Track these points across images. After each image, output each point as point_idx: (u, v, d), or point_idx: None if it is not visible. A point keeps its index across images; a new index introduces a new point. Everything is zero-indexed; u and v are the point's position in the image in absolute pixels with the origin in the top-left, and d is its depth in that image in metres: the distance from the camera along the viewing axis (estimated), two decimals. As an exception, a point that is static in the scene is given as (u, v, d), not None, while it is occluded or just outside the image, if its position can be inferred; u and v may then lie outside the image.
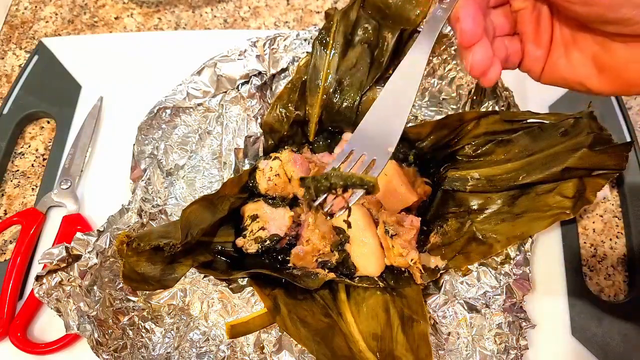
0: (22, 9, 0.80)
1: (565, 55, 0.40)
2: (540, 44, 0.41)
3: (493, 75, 0.39)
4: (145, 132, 0.61)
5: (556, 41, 0.40)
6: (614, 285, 0.59)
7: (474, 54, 0.38)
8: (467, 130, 0.59)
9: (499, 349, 0.51)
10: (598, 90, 0.39)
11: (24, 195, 0.66)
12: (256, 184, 0.58)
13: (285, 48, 0.63)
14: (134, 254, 0.52)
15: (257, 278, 0.55)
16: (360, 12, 0.62)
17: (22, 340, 0.54)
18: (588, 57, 0.38)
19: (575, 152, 0.53)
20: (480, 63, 0.38)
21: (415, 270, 0.55)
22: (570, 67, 0.39)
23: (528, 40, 0.42)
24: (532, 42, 0.41)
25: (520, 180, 0.56)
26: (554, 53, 0.40)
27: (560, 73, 0.40)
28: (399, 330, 0.52)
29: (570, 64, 0.39)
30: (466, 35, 0.37)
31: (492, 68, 0.39)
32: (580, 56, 0.39)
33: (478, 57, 0.38)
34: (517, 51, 0.42)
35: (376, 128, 0.43)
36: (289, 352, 0.52)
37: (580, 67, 0.39)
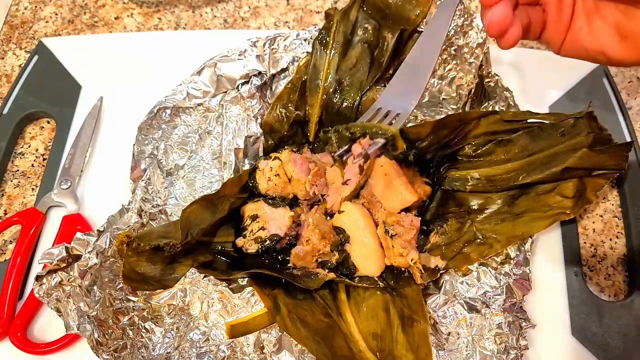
0: (22, 9, 0.80)
1: (587, 24, 0.40)
2: (562, 14, 0.41)
3: (511, 37, 0.40)
4: (145, 132, 0.61)
5: (578, 11, 0.40)
6: (614, 285, 0.59)
7: (494, 12, 0.39)
8: (467, 130, 0.59)
9: (499, 349, 0.51)
10: (619, 58, 0.39)
11: (24, 195, 0.66)
12: (256, 184, 0.58)
13: (285, 48, 0.63)
14: (134, 254, 0.52)
15: (257, 278, 0.55)
16: (360, 12, 0.62)
17: (22, 340, 0.54)
18: (611, 25, 0.39)
19: (575, 152, 0.53)
20: (499, 22, 0.39)
21: (415, 270, 0.55)
22: (592, 36, 0.40)
23: (551, 10, 0.42)
24: (555, 12, 0.42)
25: (520, 180, 0.56)
26: (576, 23, 0.41)
27: (582, 43, 0.41)
28: (399, 330, 0.52)
29: (592, 33, 0.40)
30: None
31: (511, 29, 0.39)
32: (602, 25, 0.39)
33: (497, 14, 0.39)
34: (539, 21, 0.43)
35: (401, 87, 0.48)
36: (289, 352, 0.52)
37: (603, 35, 0.39)
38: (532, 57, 0.71)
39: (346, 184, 0.57)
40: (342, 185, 0.57)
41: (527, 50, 0.72)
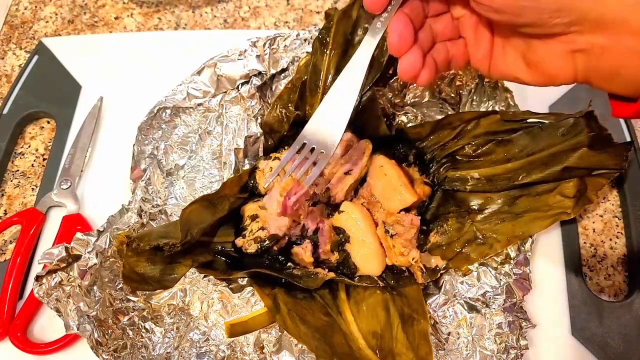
0: (22, 9, 0.80)
1: (502, 54, 0.44)
2: (480, 46, 0.45)
3: (423, 79, 0.44)
4: (145, 132, 0.61)
5: (496, 42, 0.44)
6: (614, 285, 0.59)
7: (401, 62, 0.43)
8: (467, 130, 0.59)
9: (499, 348, 0.51)
10: (530, 82, 0.44)
11: (24, 195, 0.66)
12: (256, 184, 0.58)
13: (285, 48, 0.63)
14: (133, 254, 0.52)
15: (257, 278, 0.55)
16: (360, 12, 0.62)
17: (22, 340, 0.54)
18: (518, 54, 0.43)
19: (575, 152, 0.53)
20: (407, 70, 0.43)
21: (416, 270, 0.55)
22: (506, 64, 0.44)
23: (470, 43, 0.46)
24: (474, 45, 0.45)
25: (520, 180, 0.56)
26: (495, 52, 0.45)
27: (500, 69, 0.45)
28: (399, 329, 0.52)
29: (506, 61, 0.44)
30: (393, 47, 0.42)
31: (422, 72, 0.44)
32: (513, 54, 0.43)
33: (404, 64, 0.43)
34: (463, 53, 0.46)
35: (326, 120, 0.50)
36: (289, 352, 0.52)
37: (514, 63, 0.43)
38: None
39: (349, 173, 0.57)
40: (345, 175, 0.57)
41: (527, 50, 0.72)
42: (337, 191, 0.57)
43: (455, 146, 0.60)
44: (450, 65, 0.47)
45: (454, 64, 0.47)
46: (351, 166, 0.58)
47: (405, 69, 0.43)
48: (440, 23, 0.45)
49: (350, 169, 0.58)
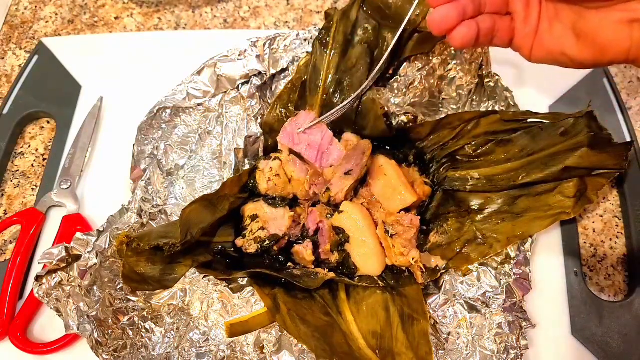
0: (22, 9, 0.80)
1: (549, 29, 0.43)
2: (529, 21, 0.44)
3: (458, 36, 0.42)
4: (145, 132, 0.61)
5: (543, 17, 0.43)
6: (614, 285, 0.59)
7: (435, 12, 0.41)
8: (467, 130, 0.59)
9: (499, 348, 0.51)
10: (578, 57, 0.42)
11: (24, 195, 0.66)
12: (256, 184, 0.58)
13: (285, 48, 0.63)
14: (133, 254, 0.52)
15: (257, 278, 0.55)
16: (360, 12, 0.62)
17: (22, 340, 0.54)
18: (568, 27, 0.42)
19: (575, 152, 0.53)
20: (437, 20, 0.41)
21: (416, 269, 0.55)
22: (553, 39, 0.43)
23: (519, 18, 0.44)
24: (522, 20, 0.44)
25: (520, 180, 0.56)
26: (541, 28, 0.44)
27: (546, 46, 0.44)
28: (399, 329, 0.52)
29: (553, 36, 0.43)
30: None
31: (459, 28, 0.42)
32: (561, 27, 0.42)
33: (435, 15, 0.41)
34: (508, 29, 0.45)
35: None
36: (289, 352, 0.52)
37: (562, 37, 0.42)
38: (532, 57, 0.70)
39: (349, 174, 0.57)
40: (345, 175, 0.57)
41: (527, 50, 0.72)
42: (337, 191, 0.57)
43: (455, 146, 0.60)
44: (494, 40, 0.45)
45: (498, 39, 0.45)
46: (351, 166, 0.58)
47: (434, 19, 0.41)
48: None
49: (350, 169, 0.58)
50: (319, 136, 0.59)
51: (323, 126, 0.60)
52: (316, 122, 0.59)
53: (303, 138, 0.59)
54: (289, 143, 0.60)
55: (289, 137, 0.60)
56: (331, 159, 0.59)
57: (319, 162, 0.59)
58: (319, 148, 0.59)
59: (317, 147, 0.59)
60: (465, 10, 0.42)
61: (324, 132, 0.59)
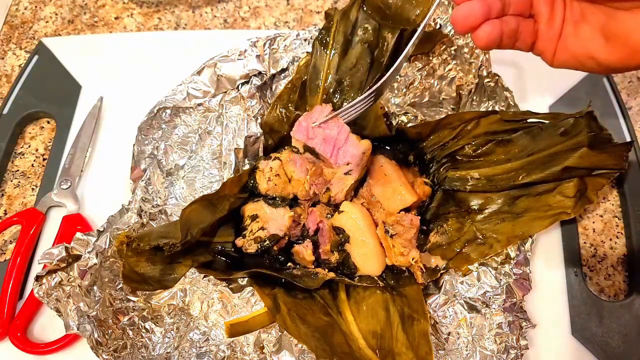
0: (22, 9, 0.80)
1: (574, 32, 0.42)
2: (553, 24, 0.43)
3: (483, 34, 0.41)
4: (145, 132, 0.61)
5: (567, 20, 0.42)
6: (614, 285, 0.59)
7: (458, 9, 0.40)
8: (467, 130, 0.59)
9: (499, 348, 0.51)
10: (606, 60, 0.41)
11: (24, 195, 0.66)
12: (256, 184, 0.58)
13: (285, 48, 0.63)
14: (133, 254, 0.52)
15: (257, 278, 0.55)
16: (360, 12, 0.62)
17: (22, 340, 0.54)
18: (596, 29, 0.41)
19: (575, 152, 0.53)
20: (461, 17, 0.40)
21: (416, 269, 0.55)
22: (579, 42, 0.42)
23: (542, 20, 0.43)
24: (546, 23, 0.43)
25: (520, 180, 0.56)
26: (565, 31, 0.43)
27: (571, 50, 0.43)
28: (399, 329, 0.52)
29: (580, 39, 0.42)
30: None
31: (484, 26, 0.41)
32: (589, 29, 0.41)
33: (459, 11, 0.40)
34: (531, 31, 0.44)
35: None
36: (289, 352, 0.52)
37: (589, 40, 0.41)
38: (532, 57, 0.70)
39: (349, 174, 0.57)
40: (345, 175, 0.57)
41: (527, 50, 0.72)
42: (337, 191, 0.57)
43: (455, 146, 0.60)
44: (516, 43, 0.44)
45: (521, 42, 0.44)
46: (351, 166, 0.58)
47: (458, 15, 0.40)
48: None
49: (350, 170, 0.57)
50: (335, 130, 0.56)
51: (339, 121, 0.56)
52: (332, 115, 0.56)
53: (318, 132, 0.56)
54: (304, 137, 0.57)
55: (303, 131, 0.57)
56: (348, 155, 0.56)
57: (335, 158, 0.56)
58: (334, 143, 0.56)
59: (332, 142, 0.56)
60: (490, 8, 0.41)
61: (341, 127, 0.56)
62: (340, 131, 0.56)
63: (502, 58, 0.69)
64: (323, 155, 0.57)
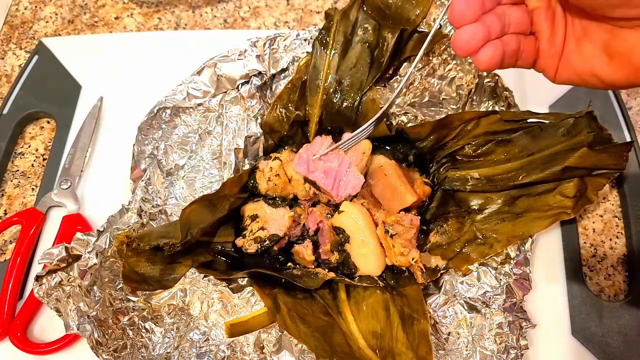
0: (22, 9, 0.80)
1: (577, 49, 0.42)
2: (554, 41, 0.43)
3: (485, 58, 0.41)
4: (145, 132, 0.61)
5: (569, 37, 0.42)
6: (614, 285, 0.59)
7: (458, 32, 0.40)
8: (467, 130, 0.59)
9: (499, 348, 0.51)
10: (610, 78, 0.41)
11: (24, 195, 0.66)
12: (256, 184, 0.58)
13: (285, 48, 0.63)
14: (133, 254, 0.52)
15: (257, 278, 0.55)
16: (360, 12, 0.62)
17: (22, 340, 0.54)
18: (599, 46, 0.40)
19: (575, 152, 0.53)
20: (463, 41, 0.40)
21: (416, 269, 0.55)
22: (582, 59, 0.41)
23: (543, 37, 0.43)
24: (548, 40, 0.43)
25: (520, 180, 0.56)
26: (567, 48, 0.42)
27: (574, 67, 0.42)
28: (399, 329, 0.52)
29: (582, 56, 0.41)
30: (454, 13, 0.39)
31: (485, 49, 0.40)
32: (591, 47, 0.41)
33: (460, 34, 0.40)
34: (532, 49, 0.44)
35: None
36: (289, 352, 0.52)
37: (592, 57, 0.41)
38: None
39: None
40: None
41: (527, 50, 0.72)
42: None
43: (455, 146, 0.60)
44: (519, 61, 0.44)
45: (522, 60, 0.44)
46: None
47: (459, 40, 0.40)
48: (514, 13, 0.42)
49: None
50: (335, 163, 0.56)
51: (340, 152, 0.57)
52: (332, 147, 0.56)
53: (319, 165, 0.57)
54: (304, 171, 0.57)
55: (304, 165, 0.57)
56: (349, 187, 0.56)
57: (336, 191, 0.56)
58: (335, 175, 0.56)
59: (334, 174, 0.56)
60: (490, 30, 0.40)
61: (341, 158, 0.56)
62: (341, 163, 0.56)
63: (502, 58, 0.69)
64: (324, 189, 0.57)
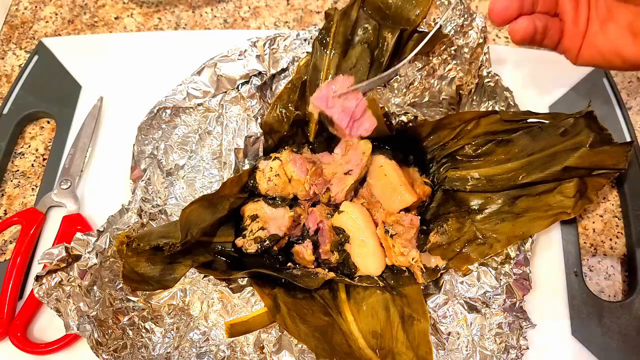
0: (22, 9, 0.80)
1: (601, 30, 0.43)
2: (579, 21, 0.44)
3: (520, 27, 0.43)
4: (145, 132, 0.61)
5: (592, 18, 0.44)
6: (614, 285, 0.59)
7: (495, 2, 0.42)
8: (467, 130, 0.59)
9: (499, 348, 0.51)
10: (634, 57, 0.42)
11: (24, 195, 0.66)
12: (256, 184, 0.58)
13: (285, 48, 0.63)
14: (133, 254, 0.52)
15: (257, 278, 0.55)
16: (360, 12, 0.62)
17: (22, 340, 0.54)
18: (623, 26, 0.42)
19: (575, 152, 0.53)
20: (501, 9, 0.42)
21: (416, 269, 0.55)
22: (606, 39, 0.43)
23: (568, 19, 0.45)
24: (572, 21, 0.45)
25: (520, 180, 0.56)
26: (591, 29, 0.44)
27: (598, 47, 0.44)
28: (399, 329, 0.52)
29: (607, 36, 0.43)
30: None
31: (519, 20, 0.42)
32: (615, 27, 0.42)
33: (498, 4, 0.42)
34: (557, 30, 0.46)
35: None
36: (289, 352, 0.52)
37: (617, 38, 0.43)
38: (532, 57, 0.71)
39: (349, 174, 0.57)
40: (345, 175, 0.57)
41: (527, 51, 0.72)
42: (337, 191, 0.57)
43: (455, 146, 0.60)
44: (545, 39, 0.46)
45: (548, 39, 0.46)
46: (351, 166, 0.58)
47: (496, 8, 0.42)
48: None
49: (350, 169, 0.58)
50: (354, 103, 0.57)
51: (359, 93, 0.57)
52: (354, 87, 0.57)
53: (337, 102, 0.57)
54: (322, 105, 0.57)
55: (322, 99, 0.57)
56: (362, 128, 0.57)
57: (349, 130, 0.57)
58: (352, 115, 0.57)
59: (350, 113, 0.57)
60: (523, 4, 0.42)
61: (359, 99, 0.57)
62: (359, 104, 0.57)
63: (502, 58, 0.69)
64: (339, 125, 0.57)
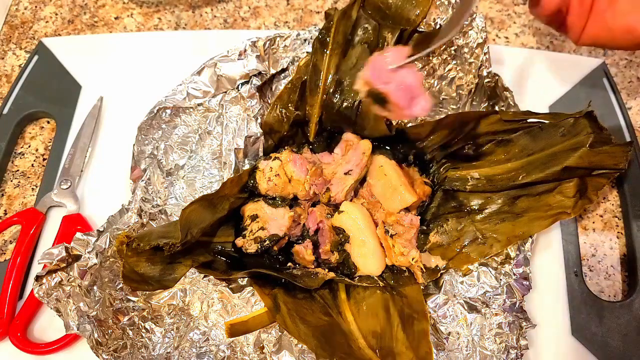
0: (22, 9, 0.80)
1: (610, 7, 0.43)
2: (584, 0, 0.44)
3: None
4: (145, 132, 0.61)
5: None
6: (614, 285, 0.59)
7: None
8: (467, 130, 0.59)
9: (499, 348, 0.51)
10: None
11: (24, 195, 0.66)
12: (256, 184, 0.58)
13: (285, 48, 0.63)
14: (133, 254, 0.52)
15: (257, 278, 0.55)
16: (360, 12, 0.62)
17: (22, 340, 0.54)
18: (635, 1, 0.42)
19: (575, 152, 0.53)
20: None
21: (416, 269, 0.55)
22: (617, 16, 0.43)
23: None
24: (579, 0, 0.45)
25: (520, 180, 0.56)
26: (598, 7, 0.44)
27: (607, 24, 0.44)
28: (399, 329, 0.52)
29: (617, 13, 0.43)
30: None
31: None
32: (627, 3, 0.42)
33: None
34: None
35: None
36: (288, 352, 0.52)
37: (628, 13, 0.42)
38: (532, 57, 0.71)
39: (349, 174, 0.57)
40: (345, 175, 0.57)
41: (527, 50, 0.72)
42: (337, 191, 0.57)
43: (455, 146, 0.60)
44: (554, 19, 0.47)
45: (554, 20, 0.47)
46: (351, 166, 0.58)
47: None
48: None
49: (350, 170, 0.58)
50: (412, 78, 0.50)
51: (414, 67, 0.51)
52: (412, 59, 0.50)
53: (393, 77, 0.50)
54: (377, 80, 0.50)
55: (377, 73, 0.50)
56: (419, 107, 0.50)
57: (409, 109, 0.50)
58: (411, 92, 0.50)
59: (409, 90, 0.50)
60: None
61: (417, 74, 0.50)
62: (417, 79, 0.50)
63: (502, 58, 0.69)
64: (395, 104, 0.50)
